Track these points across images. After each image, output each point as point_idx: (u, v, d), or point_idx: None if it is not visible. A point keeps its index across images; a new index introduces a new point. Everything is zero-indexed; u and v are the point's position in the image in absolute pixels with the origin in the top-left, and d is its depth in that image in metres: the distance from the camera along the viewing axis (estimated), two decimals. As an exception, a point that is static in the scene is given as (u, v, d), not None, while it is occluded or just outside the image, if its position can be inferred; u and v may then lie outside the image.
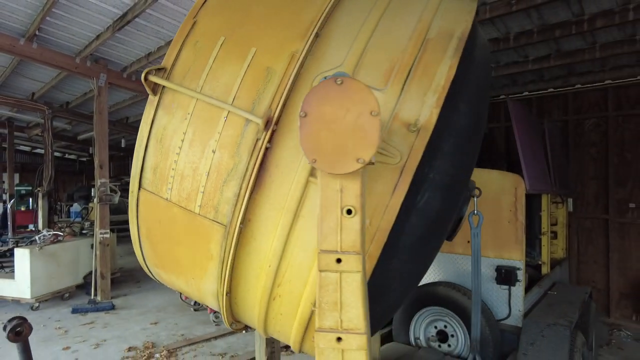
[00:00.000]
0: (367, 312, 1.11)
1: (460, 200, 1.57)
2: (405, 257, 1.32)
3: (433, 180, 1.27)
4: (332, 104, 1.03)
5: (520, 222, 3.57)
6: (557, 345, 3.08)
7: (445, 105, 1.26)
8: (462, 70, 1.33)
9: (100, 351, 5.13)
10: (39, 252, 6.90)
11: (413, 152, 1.19)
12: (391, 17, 1.44)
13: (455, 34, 1.36)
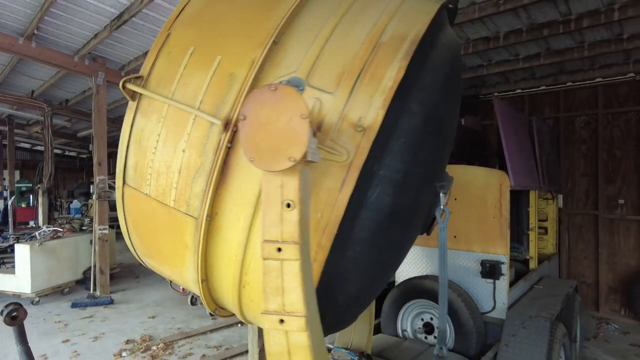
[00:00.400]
0: (309, 297, 1.21)
1: (423, 196, 1.66)
2: (360, 249, 1.41)
3: (384, 176, 1.36)
4: (267, 108, 1.14)
5: (504, 218, 3.67)
6: (537, 336, 3.18)
7: (394, 106, 1.34)
8: (414, 71, 1.40)
9: (99, 344, 5.26)
10: (39, 248, 7.02)
11: (359, 151, 1.28)
12: (348, 22, 1.52)
13: (409, 36, 1.43)
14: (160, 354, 4.90)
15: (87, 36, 6.56)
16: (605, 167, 6.27)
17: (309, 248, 1.26)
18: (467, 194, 3.84)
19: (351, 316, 1.78)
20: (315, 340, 1.26)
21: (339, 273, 1.43)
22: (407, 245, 1.87)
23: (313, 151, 1.18)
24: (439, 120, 1.59)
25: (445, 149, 1.83)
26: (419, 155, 1.47)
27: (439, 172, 1.78)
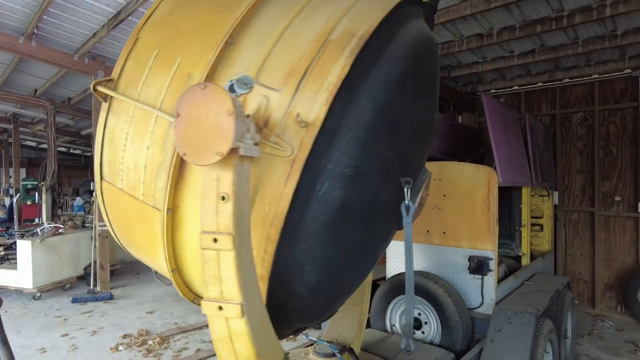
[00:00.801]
0: (247, 286, 1.26)
1: (385, 191, 1.68)
2: (312, 242, 1.45)
3: (332, 171, 1.39)
4: (197, 105, 1.19)
5: (492, 214, 3.69)
6: (522, 332, 3.20)
7: (340, 102, 1.37)
8: (365, 67, 1.43)
9: (97, 338, 5.35)
10: (40, 244, 7.14)
11: (302, 146, 1.32)
12: (301, 21, 1.55)
13: (358, 33, 1.44)
14: (156, 348, 4.98)
15: (86, 35, 6.64)
16: (601, 163, 6.25)
17: (247, 239, 1.30)
18: (456, 190, 3.87)
19: (322, 309, 1.80)
20: (257, 327, 1.31)
21: (293, 264, 1.47)
22: (378, 241, 1.89)
23: (248, 146, 1.23)
24: (396, 115, 1.59)
25: (411, 145, 1.84)
26: (370, 150, 1.49)
27: (405, 167, 1.79)
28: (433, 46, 1.95)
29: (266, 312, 1.41)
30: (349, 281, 1.85)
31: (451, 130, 5.25)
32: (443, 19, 4.75)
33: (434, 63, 1.97)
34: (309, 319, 1.83)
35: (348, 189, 1.44)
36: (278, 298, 1.53)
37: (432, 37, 1.96)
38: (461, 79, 7.06)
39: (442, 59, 6.18)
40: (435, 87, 2.04)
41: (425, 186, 1.97)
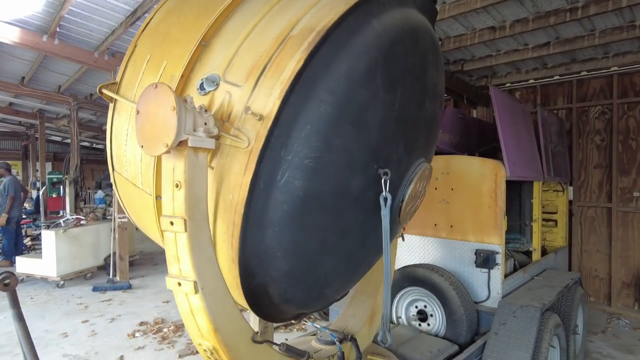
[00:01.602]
0: (201, 265, 1.39)
1: (359, 181, 1.68)
2: (279, 229, 1.52)
3: (292, 162, 1.45)
4: (151, 103, 1.32)
5: (499, 208, 3.68)
6: (527, 325, 3.20)
7: (298, 95, 1.42)
8: (325, 60, 1.47)
9: (115, 324, 5.57)
10: (64, 235, 7.44)
11: (258, 138, 1.40)
12: (268, 20, 1.62)
13: (317, 28, 1.48)
14: (170, 335, 5.16)
15: (106, 32, 6.84)
16: (619, 158, 6.09)
17: (202, 223, 1.42)
18: (463, 184, 3.87)
19: (306, 296, 1.85)
20: (213, 303, 1.43)
21: (264, 250, 1.55)
22: (361, 232, 1.88)
23: (199, 138, 1.35)
24: (363, 107, 1.59)
25: (391, 136, 1.81)
26: (333, 142, 1.52)
27: (383, 158, 1.76)
28: (419, 35, 1.90)
29: (226, 291, 1.51)
30: (332, 270, 1.88)
31: (462, 123, 5.21)
32: (454, 12, 4.71)
33: (421, 52, 1.92)
34: (297, 304, 1.89)
35: (310, 180, 1.49)
36: (257, 281, 1.62)
37: (419, 27, 1.92)
38: (475, 73, 6.97)
39: (454, 52, 6.13)
40: (425, 77, 1.99)
41: (418, 178, 1.99)
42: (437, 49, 2.12)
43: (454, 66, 6.48)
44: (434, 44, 2.07)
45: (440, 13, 4.83)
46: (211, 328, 1.43)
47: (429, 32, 2.03)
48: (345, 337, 2.63)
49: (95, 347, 4.86)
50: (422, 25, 1.95)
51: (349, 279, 2.14)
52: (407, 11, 1.87)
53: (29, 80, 9.87)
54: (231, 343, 1.52)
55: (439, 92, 2.20)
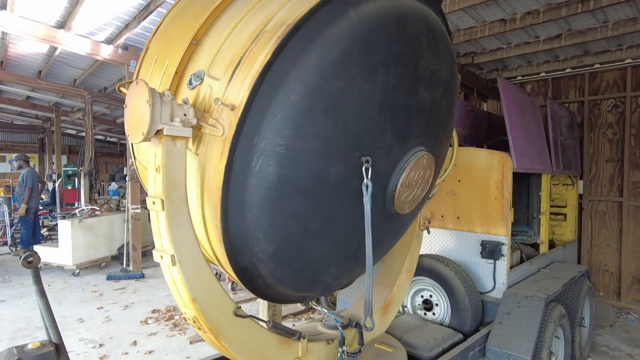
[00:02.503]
0: (179, 241, 1.55)
1: (336, 168, 1.71)
2: (257, 212, 1.61)
3: (264, 149, 1.52)
4: (133, 97, 1.49)
5: (506, 199, 3.70)
6: (531, 315, 3.23)
7: (268, 85, 1.50)
8: (296, 52, 1.53)
9: (128, 312, 5.74)
10: (79, 224, 7.65)
11: (230, 126, 1.50)
12: (249, 17, 1.71)
13: (287, 21, 1.54)
14: (181, 322, 5.29)
15: (119, 26, 6.96)
16: (632, 152, 6.02)
17: (181, 204, 1.57)
18: (470, 176, 3.89)
19: (298, 278, 1.92)
20: (191, 275, 1.58)
21: (246, 232, 1.64)
22: (351, 220, 1.88)
23: (175, 128, 1.50)
24: (337, 96, 1.62)
25: (376, 124, 1.80)
26: (305, 130, 1.56)
27: (366, 146, 1.77)
28: (408, 22, 1.84)
29: (204, 265, 1.64)
30: (323, 255, 1.91)
31: (471, 116, 5.21)
32: (464, 5, 4.70)
33: (410, 39, 1.86)
34: (292, 286, 1.95)
35: (283, 166, 1.55)
36: (245, 261, 1.72)
37: (409, 13, 1.86)
38: (486, 65, 6.93)
39: (465, 45, 6.11)
40: (417, 63, 1.93)
41: (412, 167, 1.97)
42: (435, 35, 2.03)
43: (464, 59, 6.46)
44: (432, 29, 1.99)
45: (450, 5, 4.82)
46: (190, 298, 1.58)
47: (423, 17, 1.95)
48: (350, 323, 2.68)
49: (110, 333, 5.02)
50: (414, 12, 1.89)
51: (347, 266, 2.15)
52: (383, 1, 1.80)
53: (45, 75, 10.09)
54: (211, 314, 1.65)
55: (441, 79, 2.11)
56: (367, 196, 1.75)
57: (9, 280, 7.35)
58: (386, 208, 2.04)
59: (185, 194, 1.59)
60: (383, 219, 2.13)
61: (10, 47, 8.33)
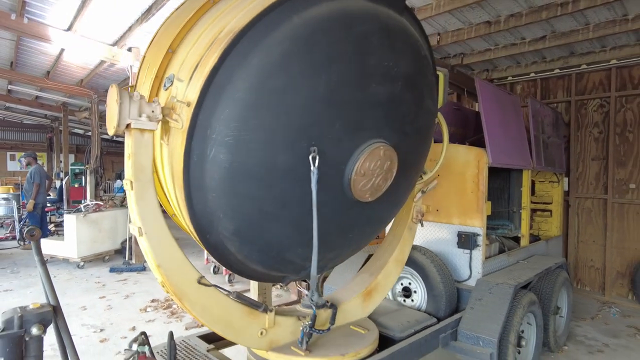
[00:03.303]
0: (145, 215, 1.85)
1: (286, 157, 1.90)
2: (216, 194, 1.85)
3: (215, 139, 1.77)
4: (109, 98, 1.77)
5: (481, 192, 3.90)
6: (500, 301, 3.43)
7: (216, 85, 1.74)
8: (241, 55, 1.75)
9: (129, 300, 6.01)
10: (84, 219, 7.95)
11: (187, 121, 1.76)
12: (210, 28, 1.97)
13: (234, 29, 1.76)
14: (178, 311, 5.55)
15: (122, 29, 7.25)
16: (616, 150, 6.18)
17: (148, 184, 1.87)
18: (449, 171, 4.08)
19: (265, 256, 2.15)
20: (155, 245, 1.88)
21: (209, 212, 1.90)
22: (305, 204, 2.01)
23: (141, 122, 1.80)
24: (280, 92, 1.81)
25: (322, 117, 1.94)
26: (250, 122, 1.78)
27: (315, 137, 1.92)
28: (355, 22, 1.97)
29: (168, 236, 1.93)
30: (284, 236, 2.12)
31: (457, 115, 5.41)
32: (449, 7, 4.91)
33: (357, 38, 1.98)
34: (261, 263, 2.19)
35: (232, 154, 1.78)
36: (213, 238, 1.99)
37: (357, 14, 1.99)
38: (476, 66, 7.12)
39: (454, 46, 6.30)
40: (366, 61, 2.04)
41: (367, 157, 2.09)
42: (390, 33, 2.15)
43: (454, 60, 6.66)
44: (385, 28, 2.12)
45: (436, 8, 5.04)
46: (155, 264, 1.88)
47: (375, 18, 2.07)
48: (325, 304, 2.87)
49: (111, 319, 5.28)
50: (363, 13, 2.02)
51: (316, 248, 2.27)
52: (345, 2, 1.98)
53: (53, 75, 10.43)
54: (174, 279, 1.94)
55: (399, 74, 2.21)
56: (314, 183, 1.92)
57: (17, 271, 7.66)
58: (347, 196, 2.19)
59: (152, 177, 1.88)
60: (348, 206, 2.29)
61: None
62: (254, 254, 2.12)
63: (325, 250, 2.46)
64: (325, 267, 2.80)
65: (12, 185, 16.23)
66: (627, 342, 4.72)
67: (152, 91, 2.09)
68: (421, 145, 2.76)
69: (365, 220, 2.59)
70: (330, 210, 2.19)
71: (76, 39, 7.36)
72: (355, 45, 1.98)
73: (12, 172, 21.22)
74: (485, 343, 3.22)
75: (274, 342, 2.41)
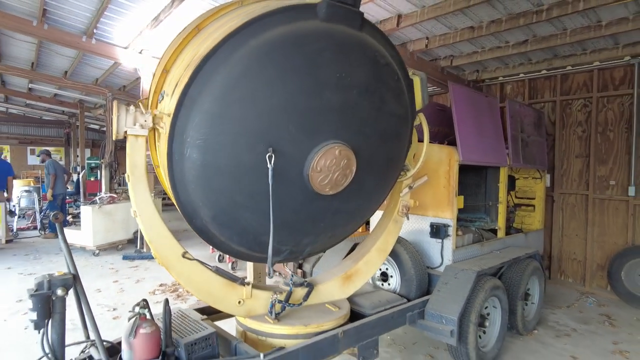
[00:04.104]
0: (140, 201, 2.38)
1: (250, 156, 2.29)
2: (194, 186, 2.30)
3: (189, 142, 2.20)
4: (113, 110, 2.26)
5: (452, 187, 4.29)
6: (463, 285, 3.82)
7: (189, 99, 2.17)
8: (208, 74, 2.16)
9: (139, 285, 6.57)
10: (99, 210, 8.54)
11: (168, 127, 2.21)
12: (192, 53, 2.40)
13: (202, 54, 2.19)
14: (184, 294, 6.07)
15: (134, 33, 7.76)
16: (597, 148, 6.47)
17: (141, 178, 2.37)
18: (425, 167, 4.45)
19: (241, 239, 2.59)
20: (147, 224, 2.40)
21: (191, 201, 2.37)
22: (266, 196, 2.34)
23: (134, 130, 2.31)
24: (239, 103, 2.20)
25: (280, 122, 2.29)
26: (216, 128, 2.19)
27: (274, 139, 2.29)
28: (305, 41, 2.31)
29: (157, 218, 2.42)
30: (256, 223, 2.51)
31: (440, 115, 5.76)
32: (433, 15, 5.25)
33: (309, 54, 2.31)
34: (244, 245, 2.64)
35: (203, 154, 2.22)
36: (198, 222, 2.45)
37: (308, 34, 2.31)
38: (467, 67, 7.44)
39: (443, 49, 6.63)
40: (319, 72, 2.33)
41: (322, 155, 2.41)
42: (343, 48, 2.43)
43: (444, 61, 7.00)
44: (339, 44, 2.41)
45: (421, 15, 5.39)
46: (148, 240, 2.39)
47: (328, 36, 2.37)
48: (303, 283, 3.30)
49: (123, 300, 5.83)
50: (315, 33, 2.34)
51: (287, 235, 2.68)
52: (298, 24, 2.31)
53: (71, 74, 11.06)
54: (163, 253, 2.43)
55: (353, 83, 2.48)
56: (270, 177, 2.29)
57: (39, 257, 8.31)
58: (309, 189, 2.53)
59: (144, 172, 2.37)
60: (312, 198, 2.61)
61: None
62: (234, 237, 2.57)
63: (300, 235, 2.86)
64: (304, 251, 3.11)
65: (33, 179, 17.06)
66: (595, 328, 5.07)
67: (152, 103, 2.57)
68: (388, 145, 2.94)
69: (333, 211, 2.84)
70: (297, 202, 2.57)
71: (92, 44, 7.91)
72: (307, 60, 2.30)
73: (32, 165, 22.13)
74: (447, 321, 3.63)
75: (251, 311, 2.86)
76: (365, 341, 3.24)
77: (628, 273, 5.94)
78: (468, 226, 5.26)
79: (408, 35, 6.23)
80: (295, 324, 2.86)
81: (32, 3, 6.68)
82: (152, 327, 2.41)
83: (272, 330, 2.85)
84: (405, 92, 2.98)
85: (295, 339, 2.85)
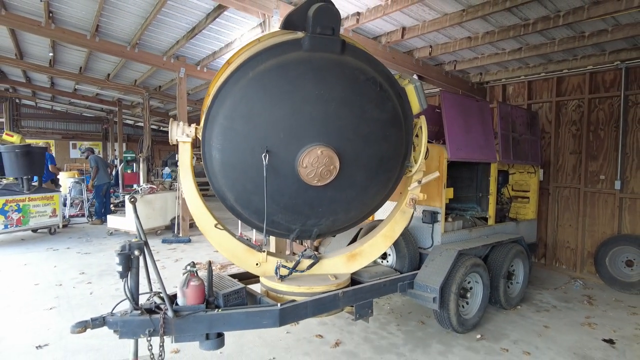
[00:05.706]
0: (186, 186, 3.35)
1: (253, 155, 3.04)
2: (219, 177, 3.18)
3: (213, 146, 3.07)
4: (169, 124, 3.17)
5: (441, 180, 5.04)
6: (446, 261, 4.59)
7: (212, 118, 3.06)
8: (222, 100, 3.03)
9: (177, 263, 7.62)
10: (140, 199, 9.67)
11: (201, 137, 3.14)
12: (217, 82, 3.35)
13: (218, 85, 3.11)
14: (217, 271, 7.07)
15: (172, 42, 8.78)
16: (589, 146, 7.01)
17: (187, 170, 3.32)
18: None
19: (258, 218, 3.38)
20: (190, 200, 3.34)
21: (220, 188, 3.26)
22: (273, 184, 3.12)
23: (183, 138, 3.21)
24: (244, 118, 3.00)
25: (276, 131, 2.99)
26: (227, 136, 3.03)
27: (270, 143, 2.99)
28: (288, 69, 2.95)
29: (196, 195, 3.33)
30: (262, 204, 3.22)
31: (439, 115, 6.47)
32: (432, 28, 5.97)
33: (292, 79, 2.96)
34: (259, 220, 3.42)
35: (222, 155, 3.10)
36: (228, 203, 3.33)
37: (291, 63, 2.96)
38: (471, 70, 8.07)
39: (447, 55, 7.30)
40: (298, 92, 2.96)
41: (306, 154, 3.04)
42: (321, 70, 3.00)
43: (448, 66, 7.67)
44: (316, 68, 3.00)
45: (422, 28, 6.11)
46: (191, 212, 3.34)
47: (306, 62, 2.98)
48: (311, 256, 4.12)
49: (164, 275, 6.78)
50: (296, 61, 2.97)
51: (292, 215, 3.42)
52: (285, 57, 2.97)
53: (113, 77, 12.27)
54: (201, 224, 3.37)
55: (333, 97, 3.02)
56: (264, 172, 3.06)
57: (90, 240, 9.54)
58: (301, 181, 3.20)
59: (190, 167, 3.26)
60: (305, 188, 3.19)
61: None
62: (252, 215, 3.44)
63: (303, 217, 3.53)
64: (312, 231, 3.79)
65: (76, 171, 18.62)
66: (573, 306, 5.71)
67: (201, 119, 3.44)
68: (375, 146, 3.30)
69: (329, 199, 3.38)
70: (293, 190, 3.28)
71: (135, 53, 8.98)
72: (290, 83, 2.96)
73: (74, 159, 23.91)
74: (431, 290, 4.41)
75: (266, 272, 3.74)
76: (361, 302, 4.05)
77: (612, 259, 6.51)
78: (462, 215, 5.99)
79: (413, 44, 6.95)
80: (292, 285, 3.68)
81: (87, 20, 7.75)
82: (199, 281, 3.34)
83: (287, 289, 3.71)
84: (394, 99, 3.37)
85: (305, 296, 3.70)
